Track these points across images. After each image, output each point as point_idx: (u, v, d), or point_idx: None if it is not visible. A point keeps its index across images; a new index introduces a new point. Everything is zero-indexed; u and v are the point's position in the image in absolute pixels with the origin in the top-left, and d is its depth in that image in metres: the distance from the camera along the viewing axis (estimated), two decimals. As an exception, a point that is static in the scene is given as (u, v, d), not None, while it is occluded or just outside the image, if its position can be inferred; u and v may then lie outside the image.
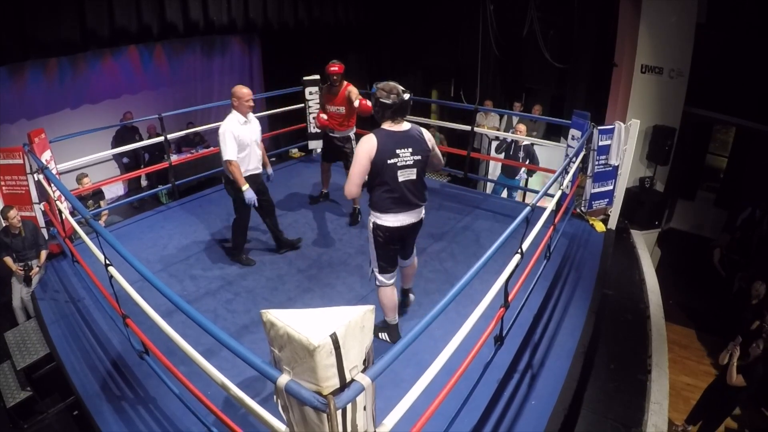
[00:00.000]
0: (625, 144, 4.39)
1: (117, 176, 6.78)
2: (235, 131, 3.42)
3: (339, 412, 1.29)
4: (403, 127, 2.53)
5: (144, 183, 7.60)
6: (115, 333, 3.12)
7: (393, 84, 2.49)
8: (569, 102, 7.19)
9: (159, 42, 7.00)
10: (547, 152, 5.93)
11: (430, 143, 2.63)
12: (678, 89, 6.47)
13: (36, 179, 3.94)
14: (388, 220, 2.63)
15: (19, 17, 4.38)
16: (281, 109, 6.26)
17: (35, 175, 3.93)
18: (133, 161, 7.30)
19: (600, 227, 4.62)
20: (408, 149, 2.50)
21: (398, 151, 2.48)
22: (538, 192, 2.99)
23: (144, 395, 2.68)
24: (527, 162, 5.61)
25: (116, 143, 6.79)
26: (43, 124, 5.06)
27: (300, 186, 5.46)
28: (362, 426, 1.42)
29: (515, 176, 5.86)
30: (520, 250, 2.49)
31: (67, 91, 6.48)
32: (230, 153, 3.40)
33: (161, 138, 4.96)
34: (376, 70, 8.89)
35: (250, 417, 1.67)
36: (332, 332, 1.29)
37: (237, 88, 3.51)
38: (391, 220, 2.63)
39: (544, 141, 6.14)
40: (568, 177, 4.16)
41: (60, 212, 3.74)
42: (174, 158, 5.32)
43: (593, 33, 6.87)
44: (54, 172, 3.99)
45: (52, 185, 3.64)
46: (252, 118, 3.62)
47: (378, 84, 2.53)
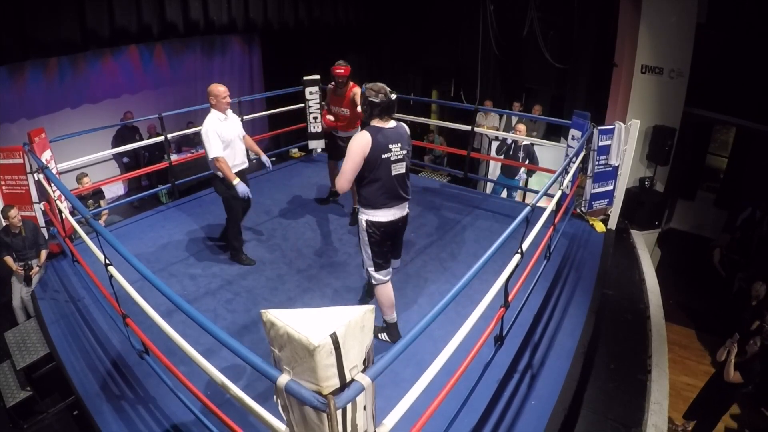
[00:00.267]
0: (625, 144, 4.39)
1: (117, 176, 6.78)
2: (217, 129, 3.51)
3: (339, 412, 1.29)
4: (391, 125, 2.67)
5: (144, 183, 7.60)
6: (115, 333, 3.12)
7: (381, 85, 2.63)
8: (569, 102, 7.19)
9: (159, 42, 7.00)
10: (547, 152, 5.93)
11: (410, 139, 2.79)
12: (678, 89, 6.47)
13: (36, 179, 3.94)
14: (383, 216, 2.72)
15: (19, 17, 4.38)
16: (281, 109, 6.26)
17: (35, 175, 3.93)
18: (133, 161, 7.30)
19: (600, 227, 4.62)
20: (398, 144, 2.64)
21: (390, 147, 2.61)
22: (538, 192, 2.99)
23: (144, 395, 2.68)
24: (527, 162, 5.61)
25: (116, 143, 6.80)
26: (43, 124, 5.06)
27: (300, 186, 5.46)
28: (362, 426, 1.42)
29: (515, 176, 5.86)
30: (520, 250, 2.49)
31: (67, 91, 6.48)
32: (216, 150, 3.48)
33: (161, 138, 4.96)
34: (376, 70, 8.89)
35: (250, 417, 1.66)
36: (332, 332, 1.29)
37: (213, 87, 3.57)
38: (386, 215, 2.72)
39: (544, 141, 6.14)
40: (568, 177, 4.16)
41: (60, 212, 3.74)
42: (174, 158, 5.32)
43: (593, 33, 6.87)
44: (54, 172, 3.99)
45: (52, 185, 3.64)
46: (231, 114, 3.69)
47: (367, 84, 2.66)
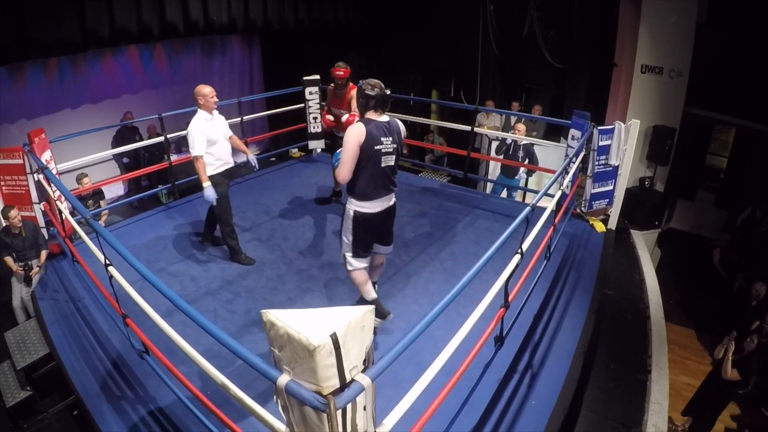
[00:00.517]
0: (625, 144, 4.39)
1: (117, 176, 6.78)
2: (203, 128, 3.58)
3: (339, 412, 1.29)
4: (384, 118, 2.78)
5: (144, 183, 7.60)
6: (115, 333, 3.12)
7: (377, 81, 2.79)
8: (569, 102, 7.19)
9: (159, 42, 7.00)
10: (547, 152, 5.93)
11: (403, 134, 2.89)
12: (678, 89, 6.47)
13: (36, 179, 3.94)
14: (370, 207, 2.80)
15: (19, 17, 4.38)
16: (281, 109, 6.26)
17: (35, 175, 3.93)
18: (133, 161, 7.30)
19: (600, 227, 4.62)
20: (390, 138, 2.75)
21: (383, 139, 2.72)
22: (538, 192, 2.99)
23: (144, 395, 2.68)
24: (526, 162, 5.61)
25: (116, 143, 6.79)
26: (43, 124, 5.06)
27: (300, 186, 5.46)
28: (362, 426, 1.42)
29: (515, 176, 5.86)
30: (520, 250, 2.49)
31: (67, 91, 6.48)
32: (198, 149, 3.56)
33: (161, 138, 4.96)
34: (376, 70, 8.87)
35: (250, 417, 1.66)
36: (332, 332, 1.29)
37: (200, 88, 3.64)
38: (373, 207, 2.80)
39: (544, 141, 6.14)
40: (568, 177, 4.16)
41: (60, 212, 3.75)
42: (174, 158, 5.32)
43: (593, 33, 6.87)
44: (54, 172, 3.99)
45: (52, 185, 3.64)
46: (217, 115, 3.77)
47: (363, 80, 2.81)
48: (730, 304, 5.55)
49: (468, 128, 5.39)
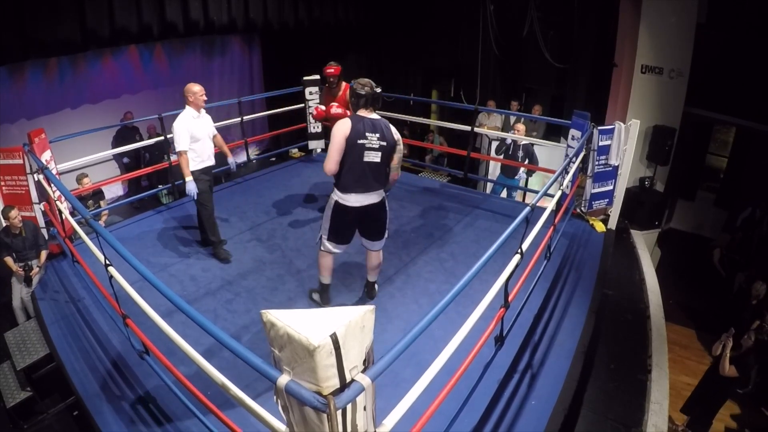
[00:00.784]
0: (625, 144, 4.39)
1: (117, 176, 6.78)
2: (188, 125, 3.68)
3: (339, 413, 1.29)
4: (373, 116, 2.89)
5: (144, 183, 7.60)
6: (115, 333, 3.12)
7: (367, 80, 2.91)
8: (569, 102, 7.19)
9: (159, 42, 7.00)
10: (547, 152, 5.93)
11: (397, 136, 2.94)
12: (678, 89, 6.47)
13: (36, 179, 3.94)
14: (349, 200, 2.91)
15: (19, 17, 4.38)
16: (281, 109, 6.26)
17: (35, 175, 3.93)
18: (134, 161, 7.30)
19: (600, 227, 4.62)
20: (376, 134, 2.84)
21: (367, 134, 2.81)
22: (538, 192, 2.99)
23: (144, 395, 2.68)
24: (526, 161, 5.61)
25: (116, 143, 6.79)
26: (43, 124, 5.06)
27: (300, 186, 5.46)
28: (362, 426, 1.42)
29: (515, 176, 5.86)
30: (520, 250, 2.49)
31: (67, 91, 6.48)
32: (182, 144, 3.66)
33: (161, 138, 4.96)
34: (376, 70, 8.89)
35: (250, 417, 1.66)
36: (332, 332, 1.29)
37: (190, 86, 3.75)
38: (352, 200, 2.91)
39: (544, 141, 6.14)
40: (568, 177, 4.16)
41: (60, 212, 3.74)
42: (174, 158, 5.30)
43: (593, 33, 6.87)
44: (54, 172, 3.99)
45: (52, 185, 3.64)
46: (204, 114, 3.86)
47: (354, 80, 2.93)
48: (730, 304, 5.54)
49: (468, 128, 5.39)
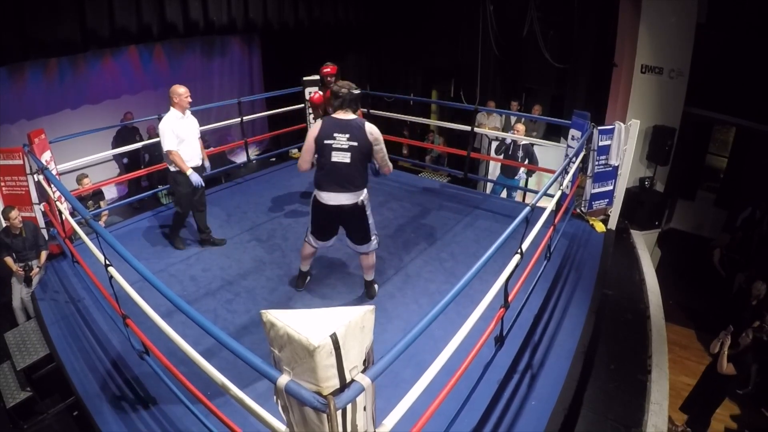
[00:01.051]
0: (625, 144, 4.39)
1: (117, 176, 6.77)
2: (174, 126, 3.74)
3: (339, 413, 1.29)
4: (348, 117, 2.93)
5: (144, 183, 7.59)
6: (115, 333, 3.12)
7: (348, 82, 2.98)
8: (569, 102, 7.18)
9: (159, 42, 7.00)
10: (547, 152, 5.93)
11: (372, 137, 2.95)
12: (678, 89, 6.47)
13: (36, 180, 3.94)
14: (323, 197, 3.02)
15: (19, 17, 4.38)
16: (281, 110, 6.26)
17: (35, 176, 3.93)
18: (133, 162, 7.29)
19: (600, 227, 4.62)
20: (345, 135, 2.88)
21: (336, 135, 2.88)
22: (538, 192, 2.99)
23: (144, 395, 2.68)
24: (526, 161, 5.61)
25: (116, 143, 6.79)
26: (43, 125, 5.06)
27: (300, 186, 5.46)
28: (362, 426, 1.42)
29: (515, 176, 5.86)
30: (520, 250, 2.49)
31: (67, 91, 6.47)
32: (169, 144, 3.74)
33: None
34: (376, 70, 8.88)
35: (250, 417, 1.66)
36: (332, 332, 1.29)
37: (175, 87, 3.80)
38: (324, 198, 3.02)
39: (544, 141, 6.14)
40: (568, 177, 4.16)
41: (60, 213, 3.74)
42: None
43: (593, 33, 6.87)
44: (54, 173, 3.99)
45: (52, 186, 3.64)
46: (189, 115, 3.91)
47: (337, 82, 3.01)
48: (730, 304, 5.54)
49: (468, 128, 5.39)
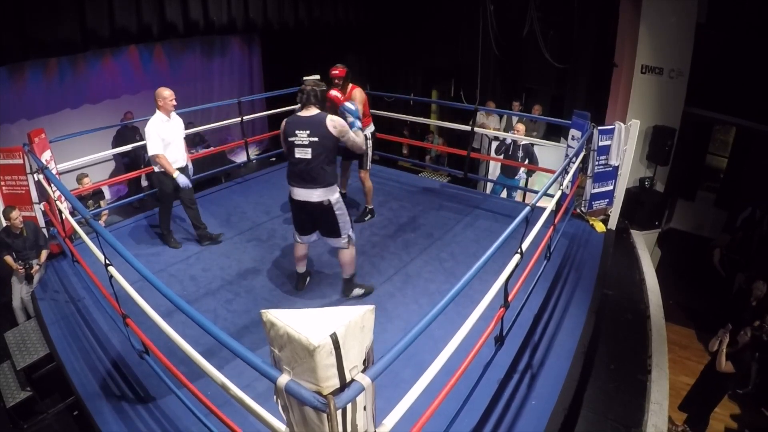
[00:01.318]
0: (625, 144, 4.39)
1: (117, 176, 6.77)
2: (159, 129, 3.79)
3: (339, 412, 1.29)
4: (310, 113, 2.98)
5: (144, 183, 7.59)
6: (115, 333, 3.12)
7: (314, 80, 3.10)
8: (569, 102, 7.18)
9: (159, 42, 6.99)
10: (547, 152, 5.93)
11: (336, 130, 2.98)
12: (678, 89, 6.47)
13: (36, 179, 3.94)
14: (292, 192, 3.12)
15: (19, 17, 4.38)
16: (281, 109, 6.24)
17: (35, 175, 3.93)
18: (133, 161, 7.29)
19: (600, 227, 4.61)
20: (306, 131, 2.94)
21: (297, 132, 2.95)
22: (538, 192, 2.99)
23: (144, 395, 2.68)
24: (526, 161, 5.61)
25: (117, 143, 6.79)
26: (43, 124, 5.06)
27: (300, 186, 5.45)
28: (362, 426, 1.42)
29: (515, 176, 5.86)
30: (520, 250, 2.49)
31: (67, 91, 6.47)
32: (155, 148, 3.78)
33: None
34: (376, 70, 8.88)
35: (250, 417, 1.66)
36: (332, 332, 1.29)
37: (160, 90, 3.86)
38: (293, 193, 3.11)
39: (544, 141, 6.14)
40: (568, 177, 4.16)
41: (60, 212, 3.74)
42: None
43: (593, 33, 6.87)
44: (54, 172, 3.99)
45: (52, 185, 3.64)
46: (174, 117, 3.97)
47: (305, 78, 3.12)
48: (730, 304, 5.53)
49: (468, 128, 5.39)
